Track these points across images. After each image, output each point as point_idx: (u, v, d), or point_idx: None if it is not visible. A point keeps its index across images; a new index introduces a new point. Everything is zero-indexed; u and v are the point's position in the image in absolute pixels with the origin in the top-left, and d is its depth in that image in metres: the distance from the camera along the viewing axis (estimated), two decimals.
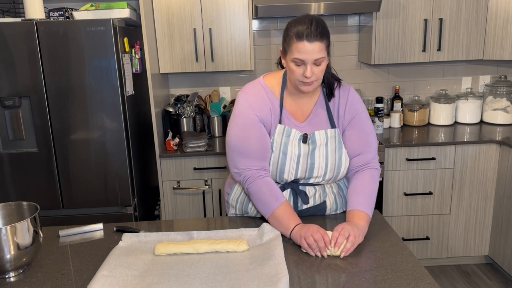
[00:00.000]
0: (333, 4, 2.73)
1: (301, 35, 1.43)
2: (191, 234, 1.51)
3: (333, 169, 1.61)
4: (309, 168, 1.60)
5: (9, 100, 2.28)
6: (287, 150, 1.58)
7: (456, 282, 2.91)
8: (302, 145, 1.60)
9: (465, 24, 2.98)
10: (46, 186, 2.39)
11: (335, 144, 1.61)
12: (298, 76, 1.49)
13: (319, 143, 1.60)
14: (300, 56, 1.45)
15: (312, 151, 1.59)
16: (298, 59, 1.46)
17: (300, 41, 1.43)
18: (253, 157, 1.57)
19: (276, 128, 1.59)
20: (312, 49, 1.43)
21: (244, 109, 1.59)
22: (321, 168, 1.60)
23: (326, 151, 1.60)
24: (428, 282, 1.23)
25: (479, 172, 2.89)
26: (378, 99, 3.13)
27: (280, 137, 1.59)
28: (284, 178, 1.61)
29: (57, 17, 2.52)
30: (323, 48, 1.45)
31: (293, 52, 1.46)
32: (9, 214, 1.44)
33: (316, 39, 1.43)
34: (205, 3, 2.84)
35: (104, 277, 1.24)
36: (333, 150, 1.61)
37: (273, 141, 1.59)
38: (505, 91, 3.18)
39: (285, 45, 1.50)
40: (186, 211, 2.90)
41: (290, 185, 1.63)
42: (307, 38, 1.42)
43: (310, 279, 1.26)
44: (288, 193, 1.64)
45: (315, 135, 1.60)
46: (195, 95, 3.12)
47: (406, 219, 2.98)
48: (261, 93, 1.61)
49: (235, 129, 1.60)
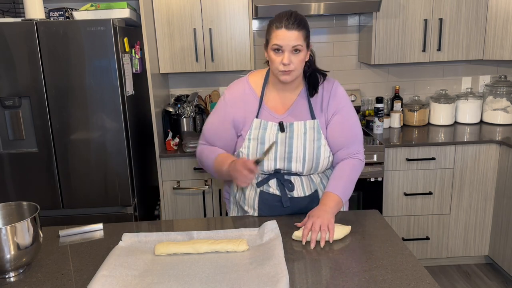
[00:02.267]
0: (333, 4, 2.73)
1: (279, 23, 1.54)
2: (191, 234, 1.51)
3: (312, 158, 1.65)
4: (287, 156, 1.65)
5: (9, 100, 2.28)
6: (264, 140, 1.66)
7: (456, 282, 2.91)
8: (280, 134, 1.66)
9: (465, 24, 2.98)
10: (46, 186, 2.39)
11: (314, 134, 1.67)
12: (277, 64, 1.57)
13: (297, 133, 1.66)
14: (278, 41, 1.54)
15: (290, 139, 1.65)
16: (276, 45, 1.55)
17: (279, 29, 1.54)
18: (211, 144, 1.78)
19: (253, 122, 1.68)
20: (289, 36, 1.53)
21: (221, 106, 1.74)
22: (299, 158, 1.65)
23: (304, 140, 1.65)
24: (428, 282, 1.23)
25: (479, 172, 2.89)
26: (378, 99, 3.13)
27: (257, 130, 1.67)
28: (264, 169, 1.66)
29: (57, 17, 2.52)
30: (300, 36, 1.54)
31: (272, 39, 1.56)
32: (9, 214, 1.44)
33: (293, 28, 1.53)
34: (205, 3, 2.84)
35: (104, 277, 1.24)
36: (312, 140, 1.66)
37: (250, 134, 1.68)
38: (505, 91, 3.18)
39: (267, 37, 1.60)
40: (186, 211, 2.90)
41: (275, 176, 1.69)
42: (286, 26, 1.53)
43: (310, 279, 1.26)
44: (274, 182, 1.69)
45: (293, 124, 1.66)
46: (195, 95, 3.12)
47: (406, 219, 2.98)
48: (240, 90, 1.72)
49: (210, 124, 1.78)
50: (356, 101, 3.30)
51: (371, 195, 2.87)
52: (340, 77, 3.38)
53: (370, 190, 2.85)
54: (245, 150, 1.68)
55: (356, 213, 1.70)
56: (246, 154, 1.67)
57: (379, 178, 2.86)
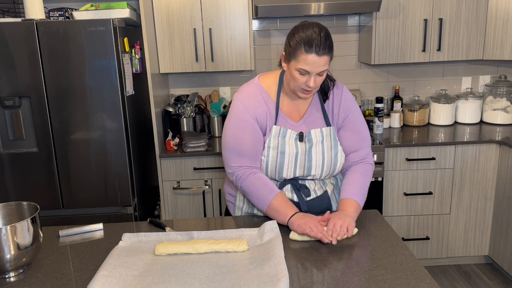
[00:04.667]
0: (333, 4, 2.73)
1: (310, 47, 1.45)
2: (191, 234, 1.51)
3: (330, 165, 1.66)
4: (307, 166, 1.64)
5: (9, 100, 2.28)
6: (285, 150, 1.62)
7: (456, 282, 2.91)
8: (299, 144, 1.64)
9: (465, 24, 2.98)
10: (46, 186, 2.39)
11: (330, 141, 1.66)
12: (300, 84, 1.53)
13: (315, 141, 1.64)
14: (307, 67, 1.47)
15: (309, 149, 1.64)
16: (304, 70, 1.48)
17: (309, 53, 1.45)
18: (246, 157, 1.62)
19: (272, 129, 1.63)
20: (319, 63, 1.47)
21: (240, 111, 1.62)
22: (318, 166, 1.65)
23: (322, 148, 1.65)
24: (428, 282, 1.23)
25: (479, 172, 2.89)
26: (378, 99, 3.13)
27: (276, 138, 1.63)
28: (283, 176, 1.65)
29: (57, 17, 2.52)
30: (328, 60, 1.49)
31: (300, 62, 1.47)
32: (9, 214, 1.44)
33: (324, 53, 1.46)
34: (205, 3, 2.84)
35: (104, 277, 1.24)
36: (329, 148, 1.65)
37: (270, 142, 1.63)
38: (505, 91, 3.18)
39: (289, 51, 1.51)
40: (186, 211, 2.90)
41: (289, 181, 1.68)
42: (316, 50, 1.44)
43: (310, 279, 1.26)
44: (289, 188, 1.68)
45: (310, 133, 1.64)
46: (195, 95, 3.12)
47: (406, 219, 2.98)
48: (256, 94, 1.64)
49: (231, 130, 1.63)
50: (356, 101, 3.29)
51: (371, 195, 2.87)
52: (340, 77, 3.38)
53: (370, 190, 2.85)
54: (265, 158, 1.63)
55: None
56: (265, 162, 1.63)
57: (379, 178, 2.86)
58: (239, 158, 1.62)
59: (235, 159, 1.63)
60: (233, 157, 1.63)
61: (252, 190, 1.61)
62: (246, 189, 1.62)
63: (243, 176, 1.62)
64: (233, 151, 1.62)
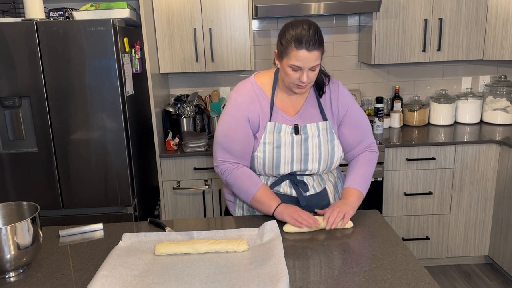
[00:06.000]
0: (333, 4, 2.73)
1: (300, 43, 1.49)
2: (191, 234, 1.51)
3: (327, 159, 1.68)
4: (304, 159, 1.66)
5: (9, 100, 2.28)
6: (280, 143, 1.65)
7: (456, 282, 2.91)
8: (295, 136, 1.66)
9: (465, 24, 2.98)
10: (46, 186, 2.39)
11: (327, 135, 1.68)
12: (293, 80, 1.56)
13: (311, 135, 1.66)
14: (298, 63, 1.51)
15: (305, 140, 1.66)
16: (296, 66, 1.52)
17: (300, 50, 1.49)
18: (234, 155, 1.67)
19: (267, 126, 1.65)
20: (310, 58, 1.50)
21: (233, 109, 1.66)
22: (315, 160, 1.67)
23: (319, 142, 1.67)
24: (428, 282, 1.23)
25: (479, 172, 2.89)
26: (378, 99, 3.13)
27: (271, 134, 1.65)
28: (281, 172, 1.67)
29: (57, 17, 2.52)
30: (319, 55, 1.52)
31: (291, 59, 1.51)
32: (9, 214, 1.44)
33: (314, 48, 1.49)
34: (205, 3, 2.84)
35: (104, 277, 1.24)
36: (326, 141, 1.67)
37: (265, 138, 1.65)
38: (505, 91, 3.18)
39: (281, 49, 1.55)
40: (186, 211, 2.90)
41: (287, 177, 1.70)
42: (306, 46, 1.48)
43: (310, 279, 1.26)
44: (287, 183, 1.70)
45: (306, 127, 1.67)
46: (195, 95, 3.12)
47: (406, 219, 2.98)
48: (250, 92, 1.67)
49: (223, 126, 1.68)
50: (356, 101, 3.29)
51: (371, 195, 2.87)
52: (340, 77, 3.38)
53: (370, 190, 2.85)
54: (261, 154, 1.65)
55: (356, 213, 1.70)
56: (262, 158, 1.65)
57: (379, 178, 2.86)
58: (227, 154, 1.67)
59: (222, 154, 1.68)
60: (220, 152, 1.68)
61: (237, 182, 1.66)
62: (231, 181, 1.67)
63: (227, 170, 1.68)
64: (222, 147, 1.68)
